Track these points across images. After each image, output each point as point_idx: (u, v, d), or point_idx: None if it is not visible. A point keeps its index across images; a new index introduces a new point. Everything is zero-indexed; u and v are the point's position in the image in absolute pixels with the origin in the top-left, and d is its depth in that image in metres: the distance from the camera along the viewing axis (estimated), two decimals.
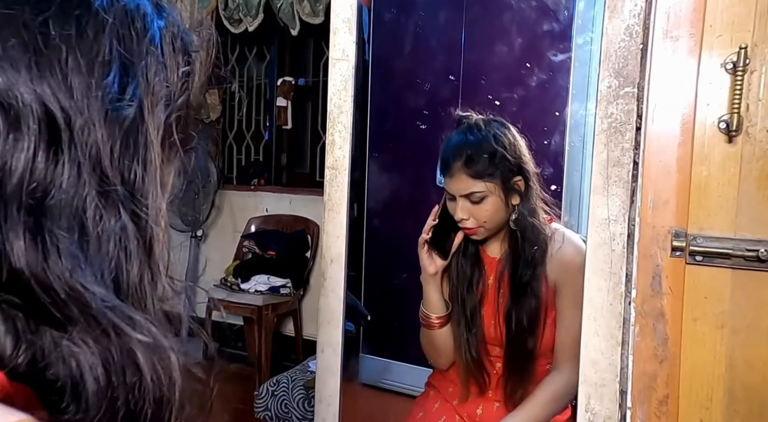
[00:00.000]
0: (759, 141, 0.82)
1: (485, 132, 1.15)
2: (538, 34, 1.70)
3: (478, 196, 1.13)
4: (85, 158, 0.31)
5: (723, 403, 0.84)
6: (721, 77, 0.83)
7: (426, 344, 1.28)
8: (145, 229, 0.34)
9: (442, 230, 1.18)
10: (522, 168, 1.15)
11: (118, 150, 0.33)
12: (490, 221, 1.15)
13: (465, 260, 1.23)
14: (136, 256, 0.33)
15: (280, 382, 1.90)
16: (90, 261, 0.31)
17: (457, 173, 1.14)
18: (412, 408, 1.34)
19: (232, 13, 3.03)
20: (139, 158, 0.34)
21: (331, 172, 1.15)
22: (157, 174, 0.35)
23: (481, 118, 1.19)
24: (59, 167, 0.30)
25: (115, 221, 0.32)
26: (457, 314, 1.23)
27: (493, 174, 1.13)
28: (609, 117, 0.89)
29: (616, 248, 0.88)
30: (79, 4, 0.33)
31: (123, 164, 0.33)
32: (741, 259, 0.82)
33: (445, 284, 1.25)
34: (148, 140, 0.35)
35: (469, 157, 1.13)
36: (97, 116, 0.32)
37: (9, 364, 0.29)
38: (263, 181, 3.26)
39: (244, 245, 2.96)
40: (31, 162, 0.29)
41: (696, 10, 0.85)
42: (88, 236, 0.31)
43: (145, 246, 0.34)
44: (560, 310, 1.16)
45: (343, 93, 1.13)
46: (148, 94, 0.35)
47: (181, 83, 0.38)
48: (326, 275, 1.17)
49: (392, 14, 2.12)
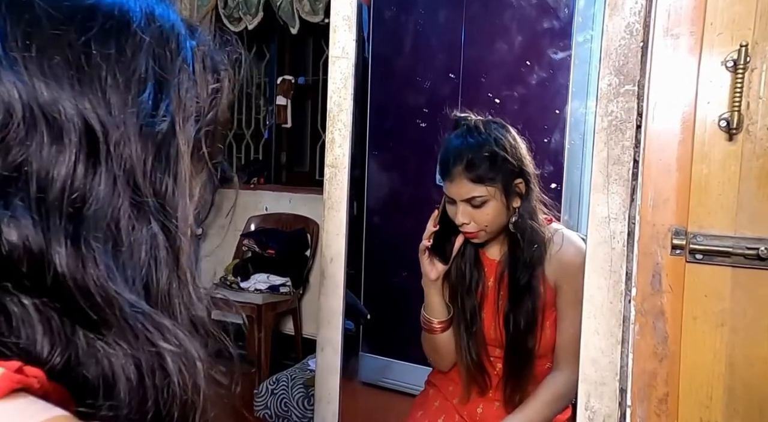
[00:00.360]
0: (759, 139, 0.82)
1: (485, 135, 1.13)
2: (538, 32, 1.70)
3: (480, 200, 1.11)
4: (120, 170, 0.33)
5: (723, 401, 0.84)
6: (721, 75, 0.83)
7: (428, 347, 1.28)
8: (174, 239, 0.36)
9: (442, 234, 1.17)
10: (523, 170, 1.14)
11: (151, 164, 0.35)
12: (491, 225, 1.14)
13: (465, 263, 1.22)
14: (166, 265, 0.35)
15: (279, 381, 1.90)
16: (123, 269, 0.33)
17: (457, 177, 1.12)
18: (412, 407, 1.34)
19: (232, 11, 3.02)
20: (171, 171, 0.36)
21: (330, 170, 1.15)
22: (187, 187, 0.37)
23: (480, 119, 1.17)
24: (96, 178, 0.32)
25: (146, 231, 0.34)
26: (458, 316, 1.22)
27: (495, 178, 1.11)
28: (609, 115, 0.89)
29: (616, 247, 0.88)
30: (119, 25, 0.35)
31: (155, 177, 0.35)
32: (741, 257, 0.82)
33: (445, 287, 1.24)
34: (179, 154, 0.36)
35: (470, 161, 1.10)
36: (133, 131, 0.34)
37: (47, 363, 0.30)
38: (263, 179, 3.25)
39: (244, 244, 2.95)
40: (71, 173, 0.31)
41: (696, 8, 0.85)
42: (121, 245, 0.33)
43: (174, 256, 0.36)
44: (560, 310, 1.15)
45: (342, 91, 1.13)
46: (179, 111, 0.37)
47: (210, 100, 0.40)
48: (326, 273, 1.17)
49: (392, 12, 2.11)
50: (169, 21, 0.38)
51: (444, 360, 1.26)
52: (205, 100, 0.39)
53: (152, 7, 0.37)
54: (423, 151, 2.03)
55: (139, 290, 0.33)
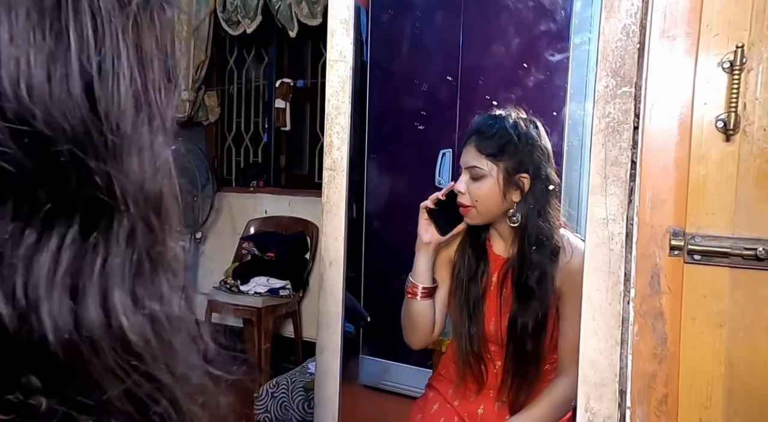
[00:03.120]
0: (756, 140, 0.82)
1: (510, 120, 1.19)
2: (535, 35, 1.71)
3: (478, 172, 1.16)
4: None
5: (722, 402, 0.84)
6: (718, 76, 0.84)
7: (405, 316, 1.28)
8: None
9: (449, 208, 1.20)
10: (536, 168, 1.16)
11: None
12: (482, 203, 1.16)
13: (471, 252, 1.24)
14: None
15: (279, 384, 1.90)
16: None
17: (468, 144, 1.19)
18: (411, 410, 1.34)
19: (231, 15, 3.03)
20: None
21: (329, 173, 1.15)
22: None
23: (518, 113, 1.22)
24: None
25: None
26: (459, 304, 1.23)
27: (497, 156, 1.15)
28: (606, 117, 0.89)
29: (615, 248, 0.88)
30: None
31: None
32: (739, 258, 0.82)
33: (448, 273, 1.26)
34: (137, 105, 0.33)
35: (483, 132, 1.17)
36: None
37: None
38: (262, 182, 3.26)
39: (244, 247, 2.95)
40: None
41: (692, 9, 0.85)
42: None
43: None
44: (564, 315, 1.16)
45: (340, 94, 1.13)
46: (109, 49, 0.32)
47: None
48: (325, 277, 1.17)
49: (390, 15, 2.12)
50: None
51: (417, 333, 1.26)
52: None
53: None
54: (421, 154, 2.04)
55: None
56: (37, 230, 0.25)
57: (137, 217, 0.28)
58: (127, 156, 0.27)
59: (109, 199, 0.27)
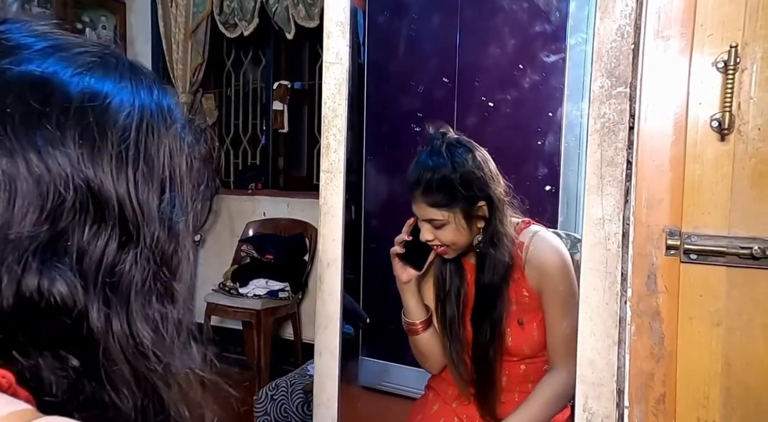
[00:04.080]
0: (751, 139, 0.82)
1: (445, 159, 1.13)
2: (531, 36, 1.71)
3: (438, 223, 1.14)
4: (149, 251, 0.38)
5: (720, 401, 0.84)
6: (712, 76, 0.84)
7: (415, 351, 1.30)
8: (177, 300, 0.41)
9: (417, 243, 1.19)
10: (487, 194, 1.13)
11: (170, 243, 0.40)
12: (455, 243, 1.16)
13: (447, 270, 1.24)
14: (173, 325, 0.40)
15: (279, 386, 1.90)
16: (139, 332, 0.38)
17: (417, 199, 1.15)
18: (411, 411, 1.34)
19: (227, 17, 3.03)
20: (180, 246, 0.41)
21: (326, 175, 1.15)
22: (189, 255, 0.43)
23: (451, 137, 1.17)
24: (128, 257, 0.37)
25: (163, 303, 0.39)
26: (440, 321, 1.25)
27: (451, 204, 1.12)
28: (602, 117, 0.89)
29: (611, 248, 0.89)
30: (152, 121, 0.40)
31: (171, 253, 0.40)
32: (735, 257, 0.83)
33: (431, 291, 1.27)
34: (184, 232, 0.42)
35: (427, 186, 1.12)
36: (156, 216, 0.39)
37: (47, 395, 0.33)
38: (260, 185, 3.26)
39: (242, 250, 2.95)
40: (105, 249, 0.36)
41: (686, 9, 0.85)
42: (140, 310, 0.38)
43: (178, 318, 0.40)
44: (547, 312, 1.17)
45: (337, 97, 1.13)
46: (184, 199, 0.42)
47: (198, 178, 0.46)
48: (323, 279, 1.17)
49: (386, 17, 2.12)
50: (177, 119, 0.42)
51: (430, 361, 1.28)
52: (196, 181, 0.45)
53: (171, 106, 0.42)
54: None
55: (148, 349, 0.38)
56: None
57: (155, 244, 0.39)
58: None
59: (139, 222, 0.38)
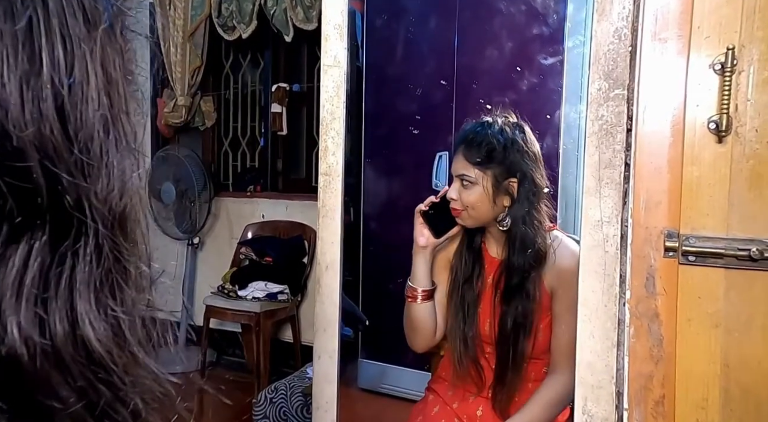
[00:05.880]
0: (749, 141, 0.82)
1: (496, 127, 1.20)
2: (529, 38, 1.71)
3: (468, 180, 1.18)
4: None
5: (719, 403, 0.84)
6: (709, 78, 0.84)
7: (406, 321, 1.30)
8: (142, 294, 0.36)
9: (443, 212, 1.22)
10: (522, 170, 1.16)
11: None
12: (473, 209, 1.19)
13: (468, 255, 1.26)
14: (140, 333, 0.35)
15: (278, 389, 1.90)
16: (87, 335, 0.32)
17: (457, 152, 1.21)
18: (411, 413, 1.34)
19: (226, 20, 3.03)
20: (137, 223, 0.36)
21: (324, 178, 1.15)
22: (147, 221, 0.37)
23: (506, 118, 1.24)
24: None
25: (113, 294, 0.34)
26: (455, 306, 1.25)
27: (484, 164, 1.17)
28: (600, 119, 0.89)
29: (610, 250, 0.89)
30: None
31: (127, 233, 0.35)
32: (733, 258, 0.83)
33: (443, 275, 1.28)
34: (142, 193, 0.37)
35: (471, 141, 1.19)
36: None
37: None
38: (259, 187, 3.25)
39: (241, 252, 2.95)
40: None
41: (683, 11, 0.86)
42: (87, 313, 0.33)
43: (146, 317, 0.36)
44: (556, 314, 1.17)
45: (335, 99, 1.13)
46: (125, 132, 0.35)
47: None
48: (321, 281, 1.17)
49: (384, 20, 2.13)
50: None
51: (418, 336, 1.28)
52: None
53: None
54: (417, 157, 2.04)
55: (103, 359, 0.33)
56: (6, 241, 0.26)
57: (104, 234, 0.29)
58: (96, 175, 0.29)
59: (78, 214, 0.28)
